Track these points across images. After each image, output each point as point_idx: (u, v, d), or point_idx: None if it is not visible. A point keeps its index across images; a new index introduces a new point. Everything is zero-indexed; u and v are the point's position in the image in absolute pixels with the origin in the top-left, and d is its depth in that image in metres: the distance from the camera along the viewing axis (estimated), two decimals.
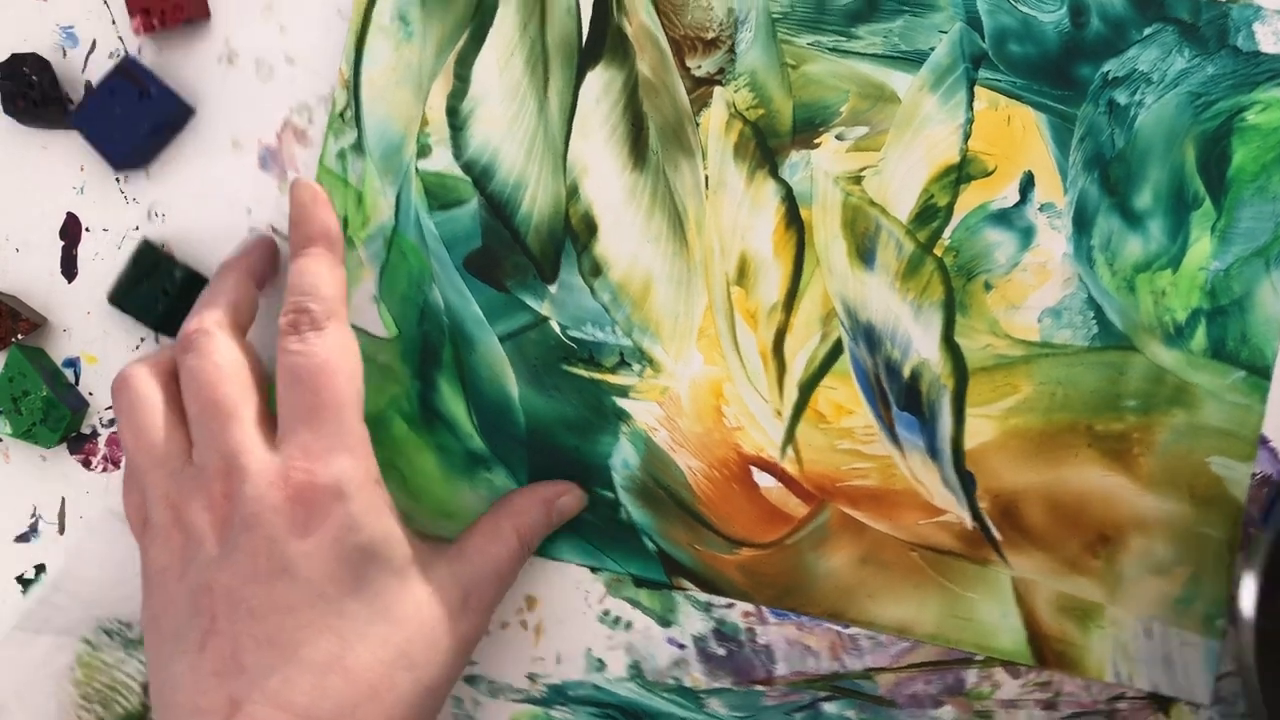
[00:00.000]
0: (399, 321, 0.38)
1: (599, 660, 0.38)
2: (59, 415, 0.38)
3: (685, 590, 0.38)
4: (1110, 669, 0.37)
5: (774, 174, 0.37)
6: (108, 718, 0.39)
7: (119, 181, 0.39)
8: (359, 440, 0.32)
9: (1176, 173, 0.36)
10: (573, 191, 0.37)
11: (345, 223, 0.37)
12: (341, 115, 0.37)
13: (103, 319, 0.39)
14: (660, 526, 0.38)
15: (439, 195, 0.37)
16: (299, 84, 0.38)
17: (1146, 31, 0.36)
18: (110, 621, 0.39)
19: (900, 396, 0.37)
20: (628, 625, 0.38)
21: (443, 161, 0.37)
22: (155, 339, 0.39)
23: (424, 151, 0.37)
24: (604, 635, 0.38)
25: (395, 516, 0.33)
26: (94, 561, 0.39)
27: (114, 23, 0.38)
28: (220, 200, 0.38)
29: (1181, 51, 0.36)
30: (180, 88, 0.38)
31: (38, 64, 0.38)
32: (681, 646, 0.38)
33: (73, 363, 0.39)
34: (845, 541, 0.37)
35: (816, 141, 0.37)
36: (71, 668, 0.39)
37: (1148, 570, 0.37)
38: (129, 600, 0.39)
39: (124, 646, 0.39)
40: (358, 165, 0.37)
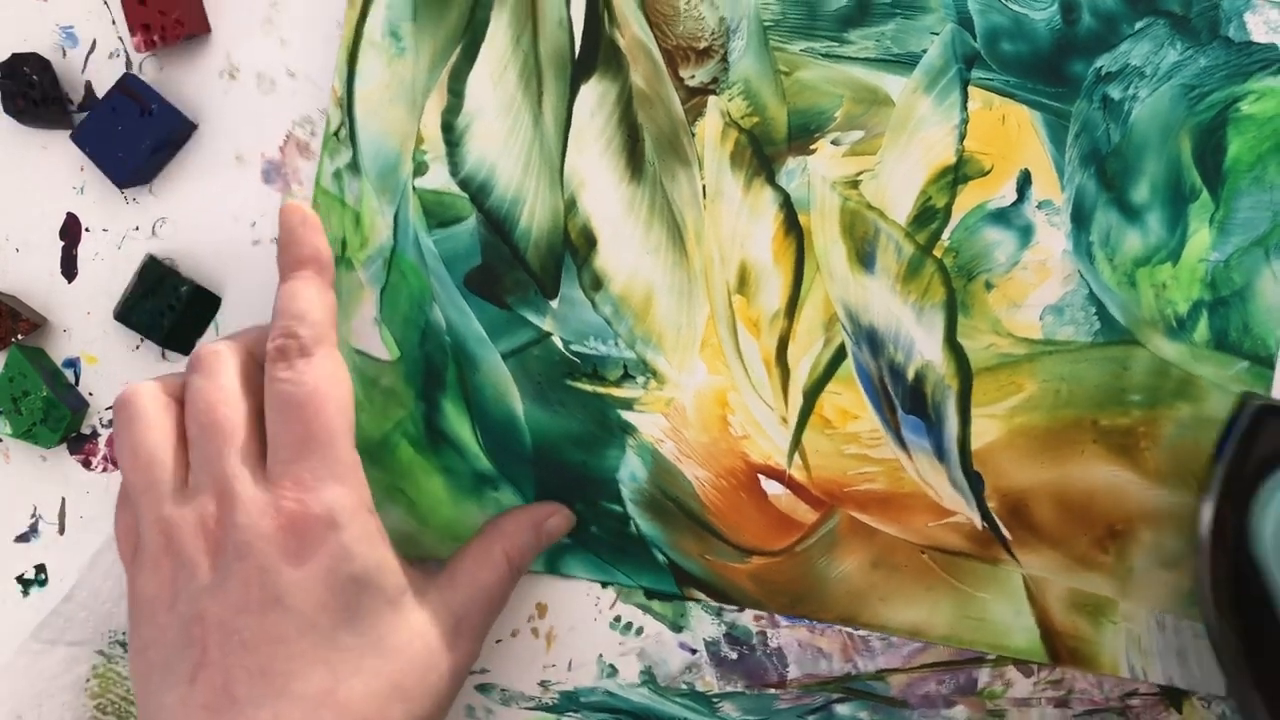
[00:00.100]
0: (401, 343, 0.37)
1: (611, 666, 0.38)
2: (59, 415, 0.38)
3: (697, 601, 0.38)
4: (1124, 664, 0.37)
5: (771, 181, 0.37)
6: None
7: None
8: (350, 468, 0.32)
9: (1173, 165, 0.36)
10: (570, 205, 0.37)
11: (343, 244, 0.37)
12: (336, 134, 0.37)
13: (103, 319, 0.39)
14: (670, 538, 0.38)
15: (437, 213, 0.37)
16: (301, 97, 0.38)
17: (1138, 25, 0.36)
18: (125, 634, 0.39)
19: (905, 399, 0.37)
20: (639, 631, 0.38)
21: (439, 179, 0.37)
22: (161, 354, 0.39)
23: (420, 169, 0.37)
24: (615, 641, 0.38)
25: (388, 545, 0.33)
26: (108, 573, 0.39)
27: (114, 23, 0.38)
28: (224, 215, 0.38)
29: (1173, 44, 0.36)
30: (182, 103, 0.38)
31: (38, 64, 0.37)
32: (693, 651, 0.38)
33: (73, 363, 0.39)
34: (855, 546, 0.37)
35: (812, 147, 0.37)
36: (87, 679, 0.39)
37: (1158, 563, 0.37)
38: None
39: None
40: (354, 185, 0.37)
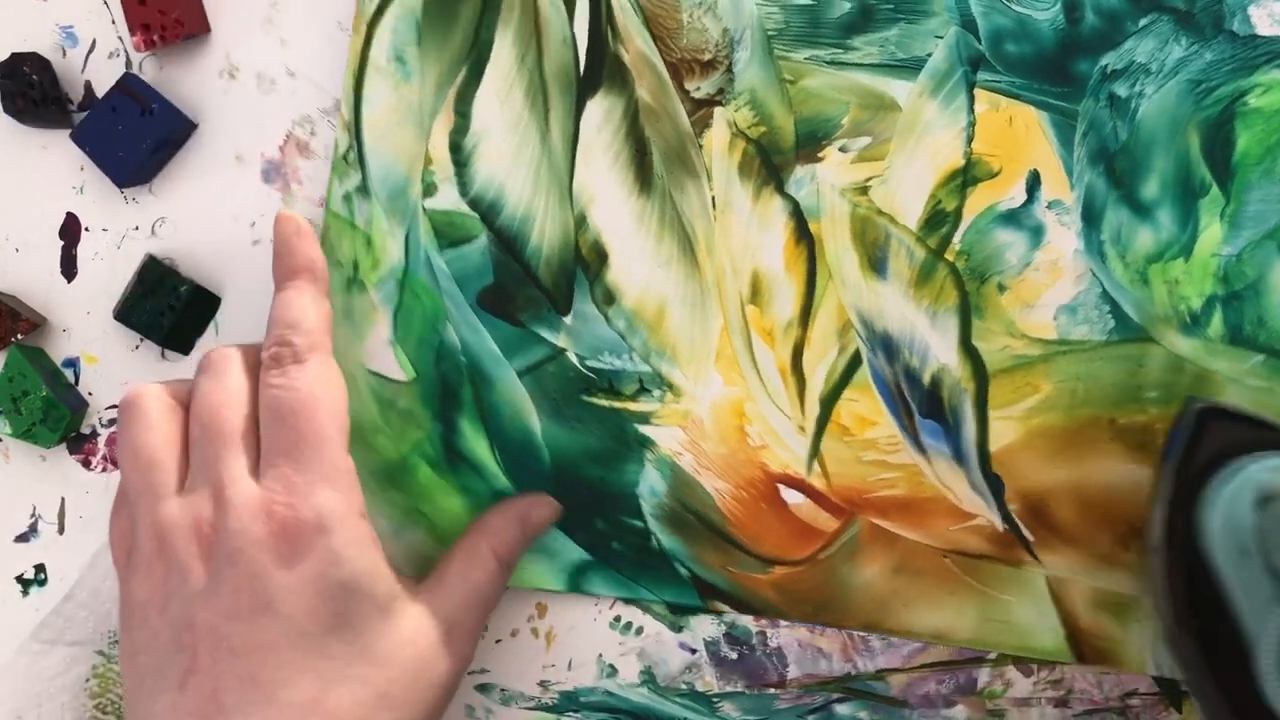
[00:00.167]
0: (416, 364, 0.37)
1: (611, 666, 0.38)
2: (59, 415, 0.38)
3: (721, 614, 0.38)
4: (1151, 662, 0.37)
5: (780, 190, 0.37)
6: None
7: None
8: (342, 473, 0.32)
9: (1182, 161, 0.36)
10: (581, 221, 0.37)
11: (355, 266, 0.37)
12: (345, 158, 0.37)
13: (102, 319, 0.39)
14: (692, 551, 0.37)
15: (448, 233, 0.37)
16: (301, 96, 0.38)
17: (1142, 22, 0.36)
18: None
19: (922, 404, 0.37)
20: (639, 631, 0.38)
21: (449, 199, 0.37)
22: (161, 354, 0.39)
23: (430, 190, 0.37)
24: (615, 641, 0.38)
25: (379, 551, 0.32)
26: (108, 573, 0.39)
27: (114, 22, 0.38)
28: (224, 214, 0.38)
29: (1178, 40, 0.36)
30: (182, 103, 0.38)
31: (38, 64, 0.37)
32: (693, 651, 0.38)
33: (72, 363, 0.39)
34: (878, 552, 0.37)
35: (820, 155, 0.37)
36: (87, 679, 0.39)
37: None
38: None
39: None
40: (364, 208, 0.37)
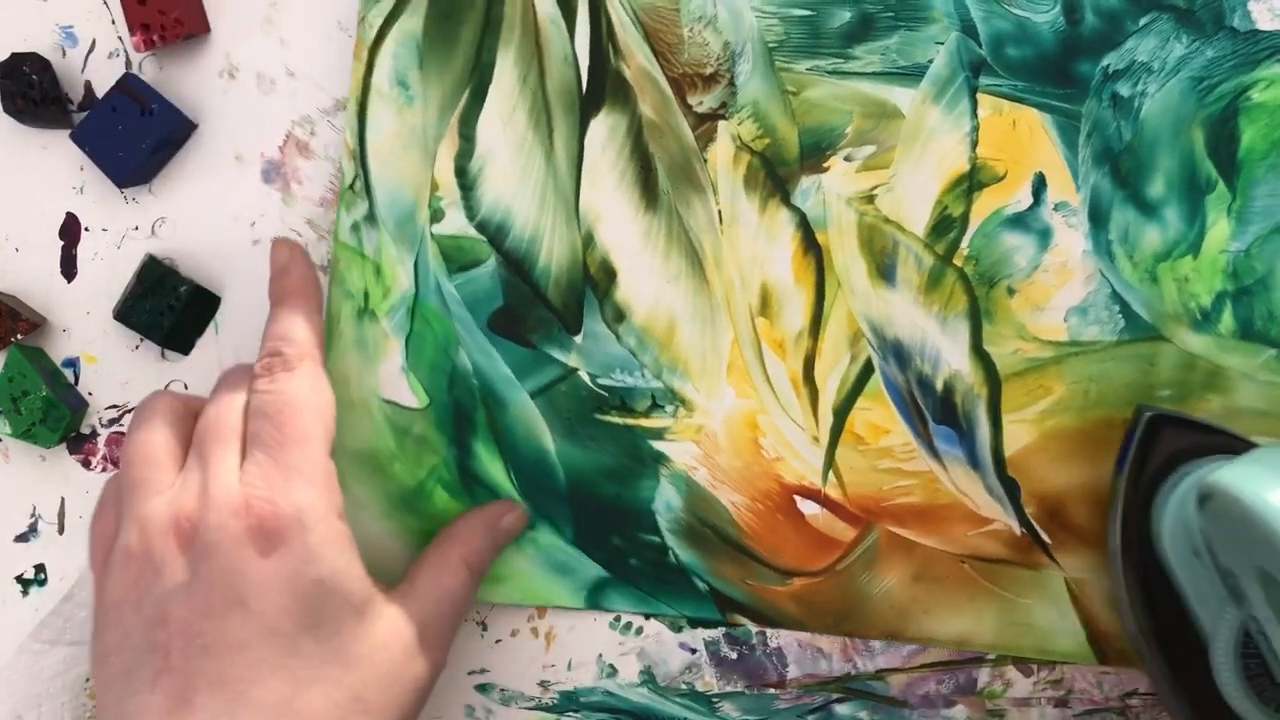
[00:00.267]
0: (429, 390, 0.37)
1: (611, 666, 0.38)
2: (58, 415, 0.38)
3: (741, 626, 0.38)
4: None
5: (786, 202, 0.37)
6: None
7: None
8: (322, 472, 0.32)
9: (1187, 159, 0.36)
10: (588, 240, 0.37)
11: (366, 296, 0.37)
12: (351, 187, 0.37)
13: (102, 319, 0.39)
14: (710, 565, 0.37)
15: (456, 258, 0.37)
16: (301, 96, 0.38)
17: (1142, 21, 0.36)
18: None
19: (936, 410, 0.37)
20: (639, 631, 0.38)
21: (456, 224, 0.37)
22: (161, 354, 0.39)
23: (437, 216, 0.37)
24: (615, 641, 0.38)
25: (354, 552, 0.32)
26: None
27: (114, 22, 0.38)
28: (224, 214, 0.38)
29: (1179, 38, 0.36)
30: (182, 103, 0.38)
31: (38, 64, 0.37)
32: (693, 651, 0.38)
33: (72, 363, 0.39)
34: (896, 561, 0.37)
35: (825, 165, 0.37)
36: (87, 679, 0.39)
37: None
38: None
39: None
40: (373, 236, 0.37)
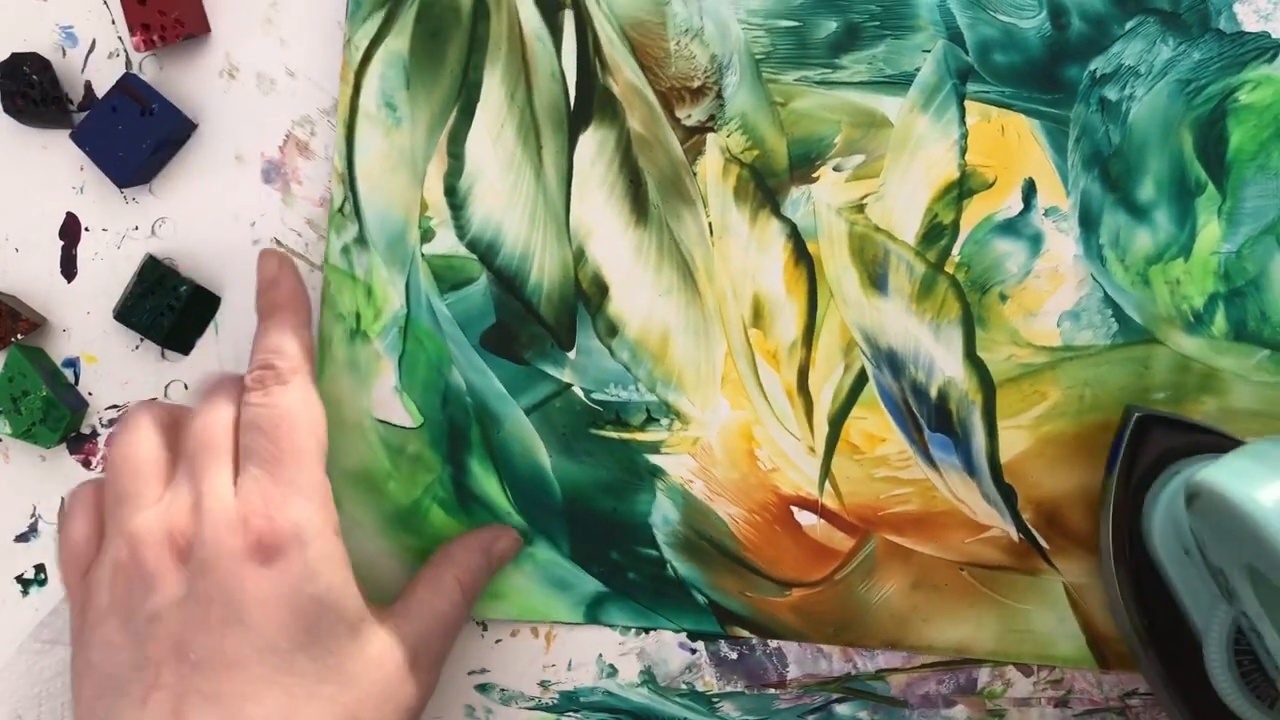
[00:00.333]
0: (423, 409, 0.37)
1: (611, 666, 0.38)
2: (58, 415, 0.38)
3: (742, 639, 0.38)
4: None
5: (776, 213, 0.37)
6: None
7: None
8: (318, 489, 0.32)
9: (1176, 161, 0.36)
10: (579, 255, 0.37)
11: (358, 318, 0.37)
12: (341, 210, 0.37)
13: (102, 319, 0.39)
14: (708, 578, 0.37)
15: (447, 277, 0.37)
16: (300, 96, 0.38)
17: (1128, 25, 0.36)
18: None
19: (930, 418, 0.37)
20: (639, 631, 0.38)
21: (447, 243, 0.37)
22: (161, 354, 0.39)
23: (427, 235, 0.37)
24: (615, 641, 0.38)
25: (350, 570, 0.32)
26: None
27: (114, 22, 0.38)
28: (224, 214, 0.38)
29: (1166, 41, 0.36)
30: (182, 103, 0.38)
31: (38, 64, 0.37)
32: (693, 651, 0.38)
33: (72, 363, 0.39)
34: (894, 569, 0.37)
35: (815, 175, 0.37)
36: None
37: None
38: None
39: None
40: (363, 258, 0.37)
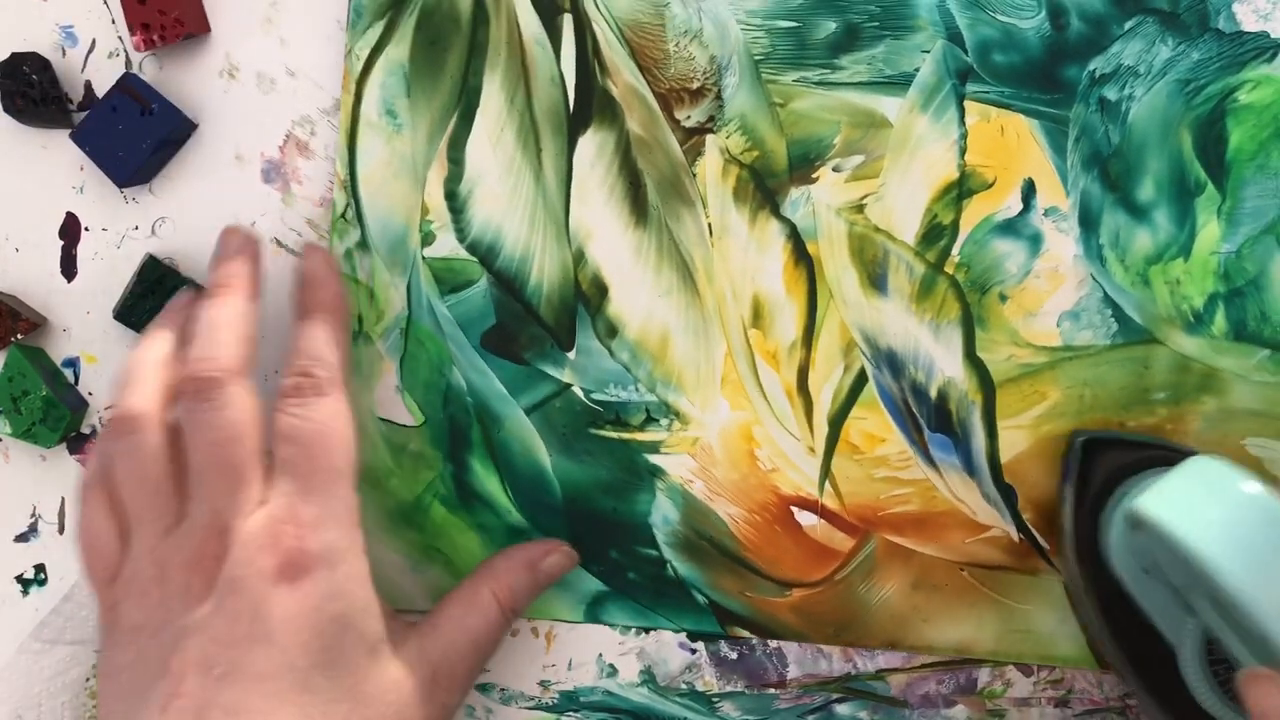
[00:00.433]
0: (424, 408, 0.38)
1: (611, 666, 0.38)
2: (58, 415, 0.38)
3: (742, 639, 0.38)
4: None
5: (776, 213, 0.37)
6: None
7: None
8: (350, 510, 0.32)
9: (1175, 161, 0.36)
10: (579, 257, 0.37)
11: (360, 320, 0.38)
12: (343, 216, 0.37)
13: (102, 319, 0.39)
14: (708, 578, 0.38)
15: (448, 279, 0.38)
16: (301, 96, 0.38)
17: (1128, 25, 0.36)
18: None
19: (930, 418, 0.37)
20: (639, 631, 0.38)
21: (447, 246, 0.37)
22: None
23: (428, 239, 0.37)
24: (615, 641, 0.38)
25: (373, 590, 0.32)
26: None
27: (114, 22, 0.38)
28: (224, 214, 0.38)
29: (1165, 41, 0.36)
30: (182, 103, 0.38)
31: (38, 63, 0.37)
32: (693, 651, 0.38)
33: (72, 362, 0.39)
34: (894, 569, 0.37)
35: (814, 176, 0.37)
36: (87, 678, 0.39)
37: None
38: None
39: None
40: (365, 262, 0.38)
